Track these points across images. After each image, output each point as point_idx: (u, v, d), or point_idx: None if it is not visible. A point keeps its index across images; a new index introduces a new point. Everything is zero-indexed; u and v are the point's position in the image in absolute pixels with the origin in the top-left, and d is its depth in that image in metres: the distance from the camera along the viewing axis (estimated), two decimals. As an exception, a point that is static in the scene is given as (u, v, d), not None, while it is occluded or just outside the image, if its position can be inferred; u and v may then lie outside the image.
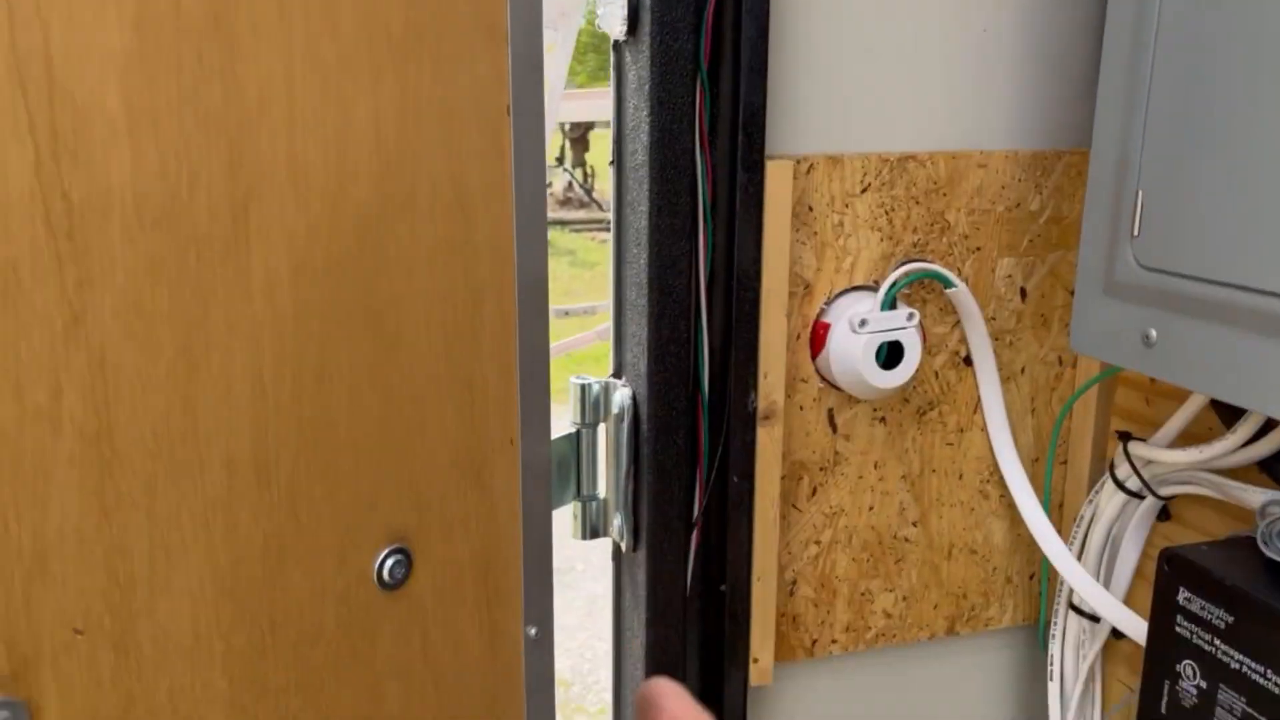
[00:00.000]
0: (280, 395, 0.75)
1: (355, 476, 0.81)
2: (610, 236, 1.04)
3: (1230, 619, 0.89)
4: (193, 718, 0.74)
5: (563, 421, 1.06)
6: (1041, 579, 1.26)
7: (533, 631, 1.00)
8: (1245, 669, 0.87)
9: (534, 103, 0.88)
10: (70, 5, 0.62)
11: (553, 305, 1.02)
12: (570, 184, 9.13)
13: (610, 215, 1.04)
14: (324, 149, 0.75)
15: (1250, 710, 0.87)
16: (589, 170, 9.48)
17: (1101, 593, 1.10)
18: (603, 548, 1.15)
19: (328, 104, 0.74)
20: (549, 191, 0.98)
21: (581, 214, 8.73)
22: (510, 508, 0.95)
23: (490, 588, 0.95)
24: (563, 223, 8.34)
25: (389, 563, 0.85)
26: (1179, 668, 0.94)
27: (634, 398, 1.06)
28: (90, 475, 0.66)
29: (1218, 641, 0.90)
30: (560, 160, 9.28)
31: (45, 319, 0.62)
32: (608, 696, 1.22)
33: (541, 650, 1.01)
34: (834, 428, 1.15)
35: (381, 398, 0.81)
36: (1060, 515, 1.24)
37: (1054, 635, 1.20)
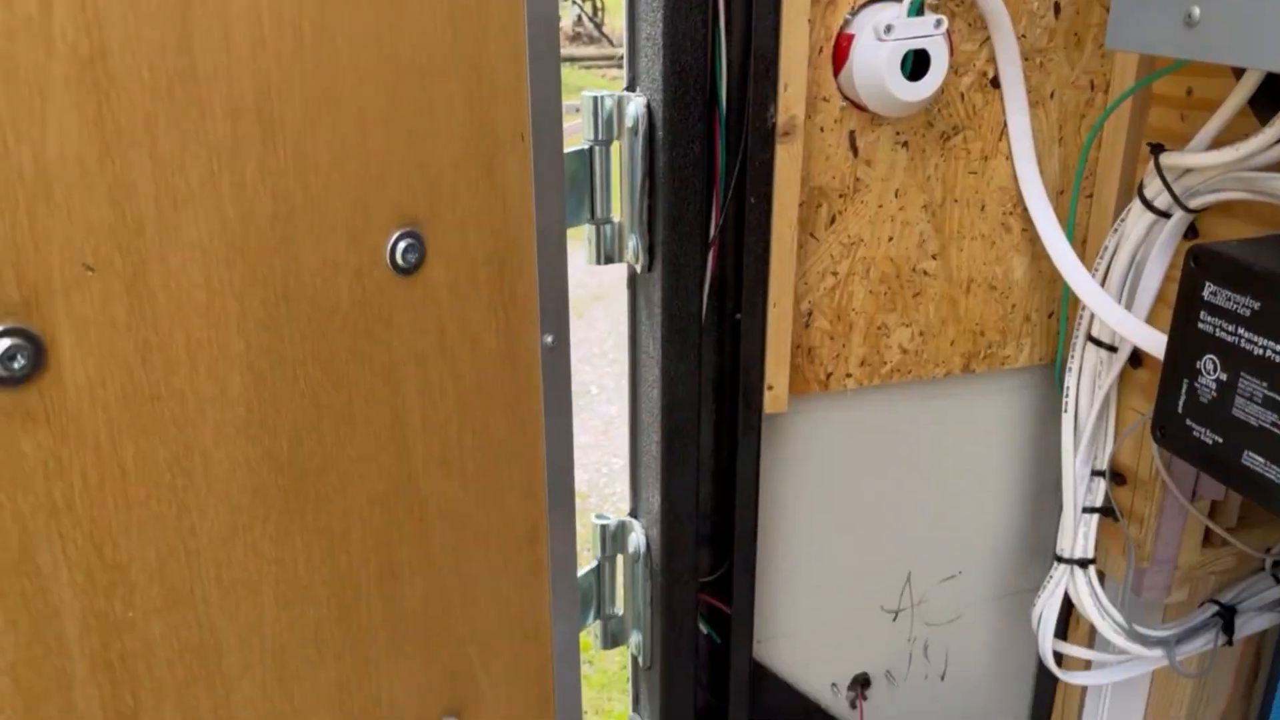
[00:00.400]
0: (281, 45, 0.72)
1: (363, 148, 0.79)
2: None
3: (1256, 305, 0.87)
4: (211, 376, 0.74)
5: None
6: (1061, 316, 1.25)
7: (549, 339, 1.00)
8: (1269, 353, 0.86)
9: None
10: None
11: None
12: (579, 18, 8.78)
13: (623, -99, 0.98)
14: None
15: (1271, 394, 0.87)
16: (599, 4, 9.10)
17: (1122, 313, 1.09)
18: (618, 371, 1.14)
19: None
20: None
21: (591, 50, 8.42)
22: (523, 207, 0.93)
23: (505, 290, 0.94)
24: (572, 59, 8.06)
25: (401, 245, 0.84)
26: (1199, 364, 0.93)
27: (649, 108, 1.02)
28: (88, 102, 0.63)
29: (1242, 331, 0.89)
30: (569, -9, 8.92)
31: (26, -84, 0.59)
32: (625, 507, 1.25)
33: (558, 359, 1.01)
34: (855, 151, 1.12)
35: (386, 66, 0.78)
36: (1084, 251, 1.22)
37: (1070, 369, 1.20)
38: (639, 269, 1.09)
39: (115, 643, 0.73)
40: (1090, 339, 1.18)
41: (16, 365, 0.63)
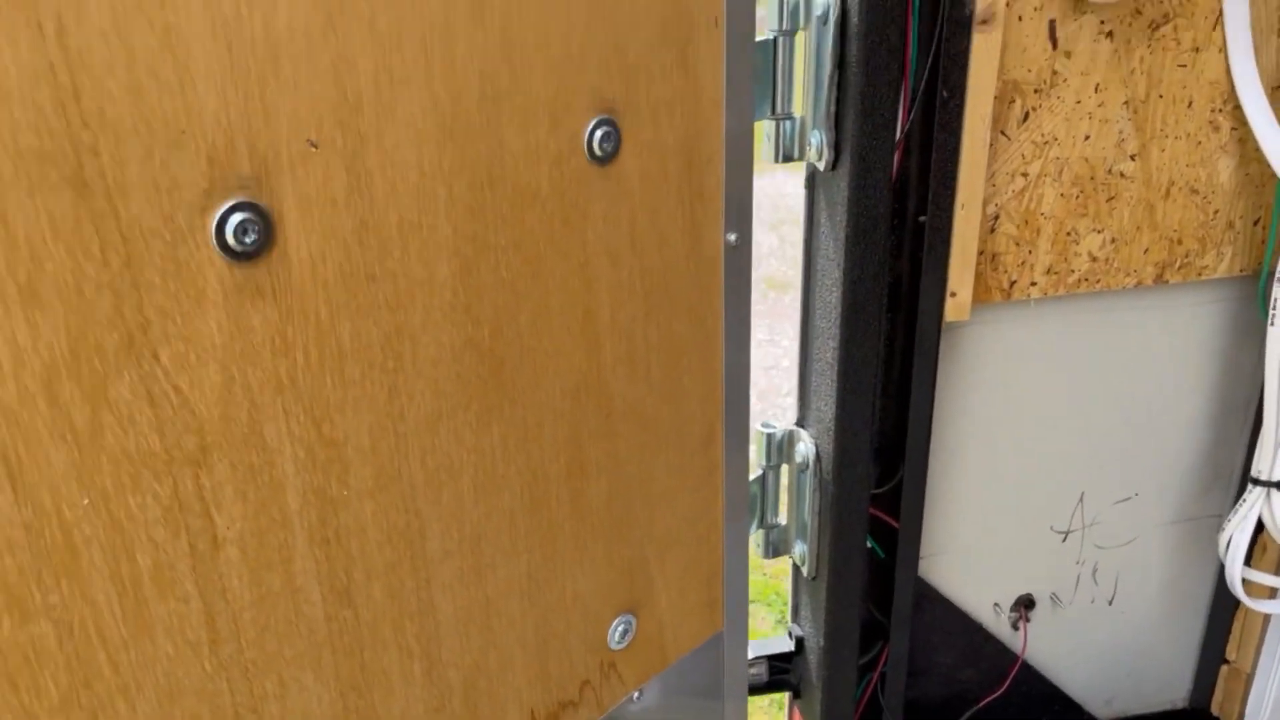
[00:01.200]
0: (492, -84, 0.69)
1: (565, 29, 0.76)
2: None
3: None
4: (421, 259, 0.74)
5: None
6: (1272, 222, 1.16)
7: (732, 238, 0.97)
8: None
9: None
10: None
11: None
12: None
13: None
14: None
15: None
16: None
17: (1352, 215, 1.00)
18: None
19: None
20: None
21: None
22: (714, 97, 0.90)
23: (693, 183, 0.91)
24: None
25: (598, 134, 0.82)
26: None
27: (840, -6, 0.97)
28: (313, -29, 0.62)
29: None
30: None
31: None
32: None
33: (740, 258, 0.98)
34: (1054, 42, 1.04)
35: (589, -57, 0.75)
36: (1299, 151, 1.12)
37: (1279, 278, 1.12)
38: (821, 167, 1.05)
39: (331, 520, 0.74)
40: (1305, 246, 1.09)
41: (249, 240, 0.64)
